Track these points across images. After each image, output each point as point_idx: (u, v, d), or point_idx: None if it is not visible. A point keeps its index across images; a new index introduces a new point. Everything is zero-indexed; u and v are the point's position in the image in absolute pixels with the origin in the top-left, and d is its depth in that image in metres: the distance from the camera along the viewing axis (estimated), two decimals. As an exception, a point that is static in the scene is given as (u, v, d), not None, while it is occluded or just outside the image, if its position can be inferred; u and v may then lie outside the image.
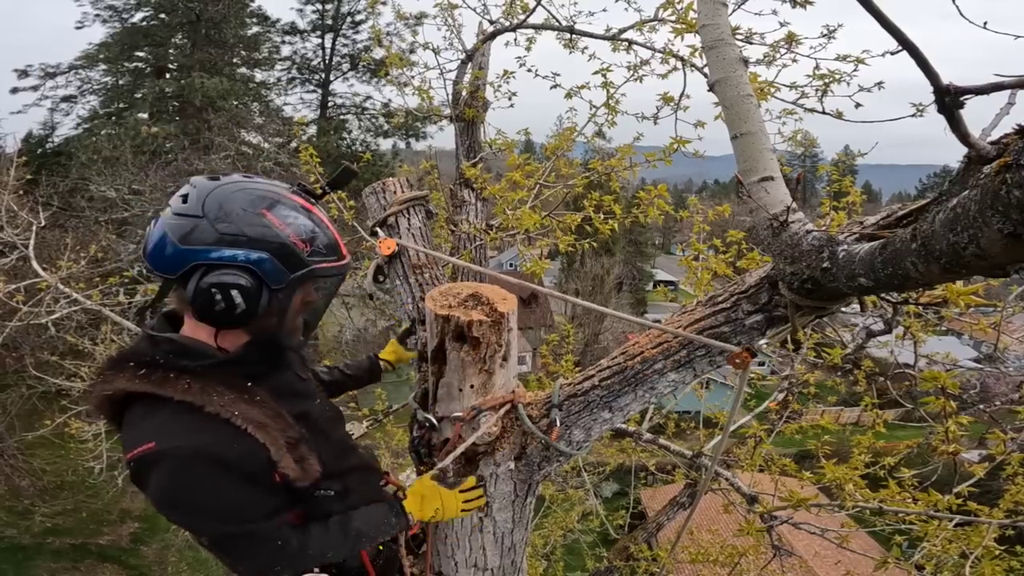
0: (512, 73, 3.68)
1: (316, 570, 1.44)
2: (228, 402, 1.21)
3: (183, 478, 1.16)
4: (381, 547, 1.61)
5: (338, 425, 1.61)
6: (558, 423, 1.65)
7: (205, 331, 1.28)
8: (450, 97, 3.69)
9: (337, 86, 26.60)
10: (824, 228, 1.28)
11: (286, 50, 26.11)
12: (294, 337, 1.38)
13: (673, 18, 3.18)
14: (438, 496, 1.56)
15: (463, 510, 1.60)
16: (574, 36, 3.48)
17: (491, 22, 3.68)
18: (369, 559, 1.55)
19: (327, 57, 26.14)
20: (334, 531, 1.40)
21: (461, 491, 1.60)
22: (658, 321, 1.82)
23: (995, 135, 0.88)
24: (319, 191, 1.38)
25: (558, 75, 3.49)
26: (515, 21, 3.58)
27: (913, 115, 2.47)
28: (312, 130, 24.75)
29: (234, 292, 1.18)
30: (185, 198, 1.23)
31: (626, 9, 3.36)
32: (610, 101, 3.39)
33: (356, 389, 2.02)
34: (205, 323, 1.24)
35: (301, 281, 1.27)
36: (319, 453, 1.34)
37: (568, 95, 3.43)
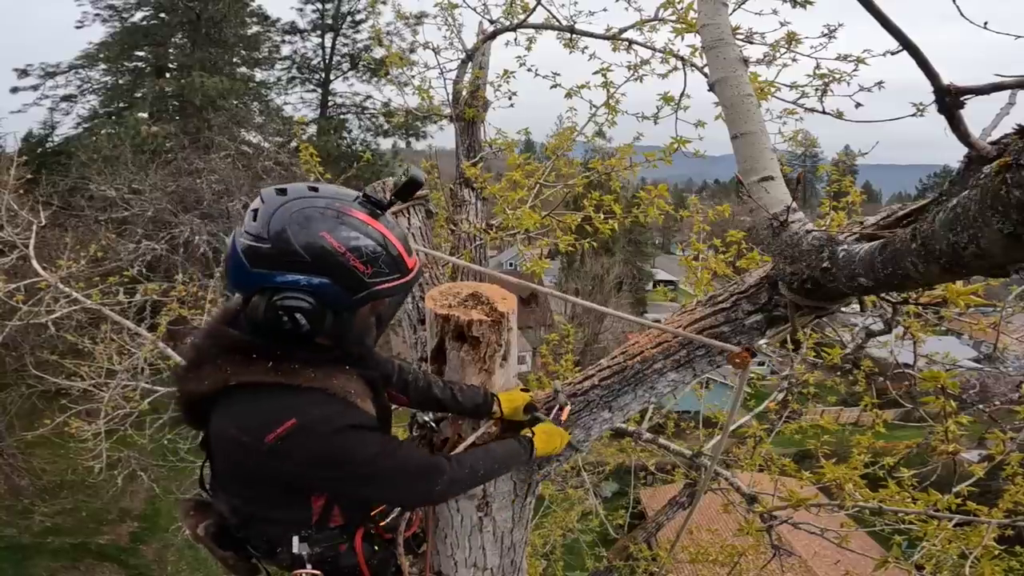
0: (512, 73, 3.69)
1: (309, 567, 1.45)
2: (343, 382, 1.35)
3: (332, 439, 1.30)
4: (376, 547, 1.61)
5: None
6: (568, 404, 1.67)
7: None
8: (450, 96, 3.69)
9: (337, 85, 26.60)
10: (824, 228, 1.28)
11: (286, 49, 26.13)
12: (367, 340, 1.45)
13: (673, 18, 3.18)
14: (558, 435, 1.66)
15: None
16: (574, 36, 3.48)
17: (491, 22, 3.68)
18: (364, 559, 1.55)
19: (327, 56, 26.13)
20: (481, 455, 1.56)
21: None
22: (658, 321, 1.82)
23: (995, 135, 0.88)
24: (387, 201, 1.34)
25: (558, 75, 3.49)
26: (515, 21, 3.58)
27: (913, 115, 2.46)
28: (312, 129, 24.72)
29: (298, 315, 1.24)
30: (256, 214, 1.25)
31: (626, 9, 3.36)
32: (610, 101, 3.39)
33: (458, 414, 1.84)
34: (272, 337, 1.29)
35: (364, 302, 1.30)
36: None
37: (568, 95, 3.43)
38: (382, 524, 1.58)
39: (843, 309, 1.57)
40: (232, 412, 1.32)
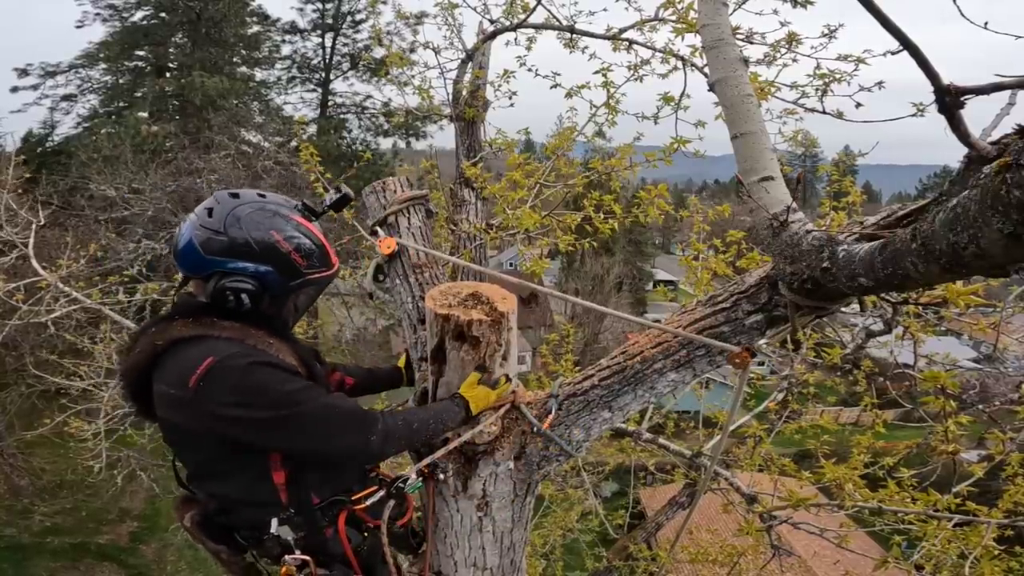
0: (512, 72, 3.68)
1: (298, 552, 1.48)
2: (262, 338, 1.48)
3: (250, 374, 1.39)
4: (365, 534, 1.61)
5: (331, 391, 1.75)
6: (553, 411, 1.66)
7: None
8: (450, 96, 3.69)
9: (337, 85, 26.54)
10: (824, 228, 1.28)
11: (286, 49, 26.08)
12: (290, 322, 1.64)
13: (674, 18, 3.18)
14: (485, 393, 1.68)
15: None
16: (574, 36, 3.48)
17: (491, 22, 3.68)
18: (351, 546, 1.56)
19: (327, 56, 26.10)
20: (411, 411, 1.66)
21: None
22: (658, 321, 1.82)
23: (995, 135, 0.88)
24: (319, 210, 1.63)
25: (558, 75, 3.49)
26: (515, 21, 3.57)
27: (913, 115, 2.47)
28: (312, 129, 24.69)
29: (243, 296, 1.46)
30: (210, 212, 1.48)
31: (626, 9, 3.36)
32: (610, 101, 3.38)
33: (379, 391, 2.21)
34: (217, 311, 1.48)
35: (298, 288, 1.56)
36: None
37: (568, 95, 3.43)
38: (363, 507, 1.58)
39: (843, 309, 1.57)
40: (161, 374, 1.44)
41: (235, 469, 1.48)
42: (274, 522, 1.47)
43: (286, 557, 1.47)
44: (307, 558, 1.48)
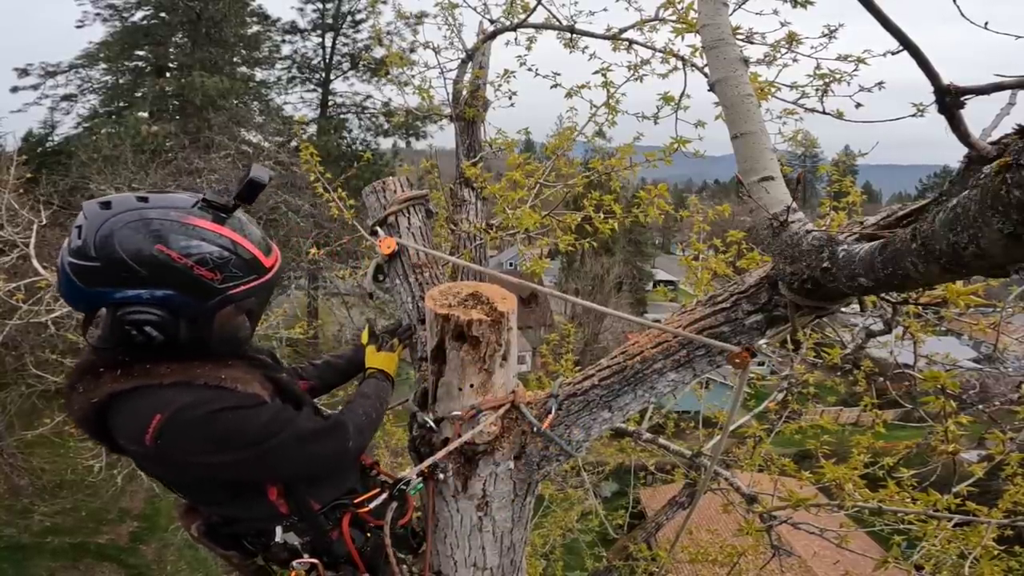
0: (512, 72, 3.68)
1: (306, 556, 1.47)
2: (209, 370, 1.27)
3: (211, 423, 1.23)
4: (368, 534, 1.61)
5: (306, 398, 1.63)
6: (553, 411, 1.66)
7: None
8: (450, 96, 3.69)
9: (337, 85, 26.61)
10: (824, 228, 1.28)
11: (286, 49, 26.15)
12: (239, 336, 1.38)
13: (674, 18, 3.18)
14: (387, 358, 1.84)
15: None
16: (574, 36, 3.48)
17: (491, 21, 3.68)
18: (356, 547, 1.56)
19: (327, 56, 26.14)
20: (359, 401, 1.60)
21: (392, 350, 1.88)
22: (658, 321, 1.82)
23: (995, 135, 0.88)
24: (230, 205, 1.28)
25: (558, 75, 3.49)
26: (515, 20, 3.57)
27: (914, 115, 2.46)
28: (312, 129, 24.74)
29: (147, 328, 1.20)
30: (79, 231, 1.19)
31: (626, 9, 3.35)
32: (610, 101, 3.38)
33: (347, 380, 2.01)
34: (131, 352, 1.25)
35: (220, 306, 1.26)
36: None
37: (568, 95, 3.43)
38: (367, 510, 1.58)
39: (843, 309, 1.57)
40: (115, 428, 1.28)
41: (227, 495, 1.43)
42: (278, 530, 1.46)
43: (294, 562, 1.46)
44: (315, 561, 1.48)
